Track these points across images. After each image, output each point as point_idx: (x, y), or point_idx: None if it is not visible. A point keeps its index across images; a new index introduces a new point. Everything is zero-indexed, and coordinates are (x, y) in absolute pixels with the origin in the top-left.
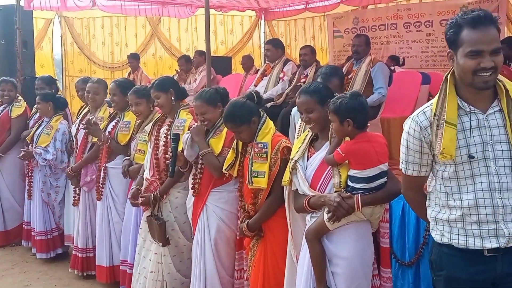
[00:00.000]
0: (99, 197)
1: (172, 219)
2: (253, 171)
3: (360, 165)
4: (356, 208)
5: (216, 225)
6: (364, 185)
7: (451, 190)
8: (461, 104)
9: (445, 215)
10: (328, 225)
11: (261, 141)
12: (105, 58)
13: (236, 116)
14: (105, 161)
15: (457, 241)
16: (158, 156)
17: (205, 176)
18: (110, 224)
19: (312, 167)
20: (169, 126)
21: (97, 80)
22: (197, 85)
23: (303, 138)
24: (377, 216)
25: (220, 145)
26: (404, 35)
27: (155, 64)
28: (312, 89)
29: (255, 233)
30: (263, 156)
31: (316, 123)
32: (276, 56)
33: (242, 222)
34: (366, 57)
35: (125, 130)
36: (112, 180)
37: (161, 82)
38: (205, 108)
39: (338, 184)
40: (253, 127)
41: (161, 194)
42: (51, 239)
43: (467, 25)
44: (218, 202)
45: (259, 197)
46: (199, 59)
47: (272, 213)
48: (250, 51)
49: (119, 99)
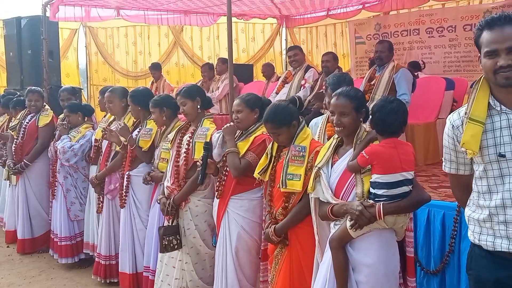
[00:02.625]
0: (123, 205)
1: (193, 227)
2: (288, 174)
3: (382, 169)
4: (377, 217)
5: (237, 233)
6: (385, 192)
7: (482, 189)
8: (493, 103)
9: (476, 215)
10: (351, 233)
11: (299, 144)
12: (128, 67)
13: (277, 117)
14: (128, 169)
15: (485, 242)
16: (179, 164)
17: (228, 180)
18: (133, 231)
19: (335, 174)
20: (192, 134)
21: (111, 89)
22: (220, 93)
23: (328, 145)
24: (400, 225)
25: (245, 148)
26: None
27: (178, 72)
28: (352, 94)
29: (281, 239)
30: (300, 160)
31: (346, 128)
32: (303, 60)
33: (268, 227)
34: (389, 63)
35: (146, 136)
36: (135, 188)
37: (188, 89)
38: (241, 107)
39: (361, 194)
40: (292, 130)
41: (176, 202)
42: (75, 244)
43: (486, 27)
44: (240, 210)
45: (291, 202)
46: (222, 67)
47: (301, 218)
48: (271, 59)
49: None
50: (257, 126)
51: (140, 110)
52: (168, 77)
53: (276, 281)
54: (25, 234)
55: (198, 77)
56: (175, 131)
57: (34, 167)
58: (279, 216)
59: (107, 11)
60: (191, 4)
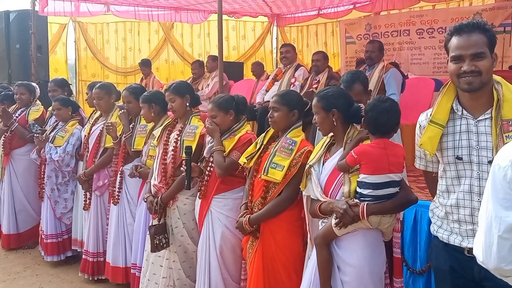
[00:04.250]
0: (116, 201)
1: (181, 225)
2: (272, 162)
3: (369, 169)
4: (361, 217)
5: (221, 232)
6: (370, 192)
7: (441, 188)
8: (456, 107)
9: (438, 211)
10: (335, 231)
11: (291, 137)
12: (118, 63)
13: (287, 96)
14: (121, 165)
15: (442, 235)
16: (166, 162)
17: (211, 179)
18: (124, 226)
19: (325, 172)
20: (180, 132)
21: (100, 85)
22: (209, 90)
23: (322, 144)
24: (386, 225)
25: (230, 146)
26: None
27: (168, 69)
28: (321, 95)
29: (252, 230)
30: (288, 152)
31: (320, 127)
32: (294, 59)
33: (243, 216)
34: (379, 63)
35: (142, 133)
36: (129, 183)
37: (178, 86)
38: (215, 112)
39: (347, 193)
40: (290, 119)
41: (164, 200)
42: (61, 241)
43: (455, 33)
44: (223, 209)
45: (270, 193)
46: (212, 64)
47: (278, 212)
48: (262, 57)
49: (134, 105)
50: (241, 125)
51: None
52: (158, 73)
53: (250, 276)
54: (10, 229)
55: (188, 74)
56: (161, 128)
57: (21, 162)
58: (256, 207)
59: (97, 6)
60: (182, 1)
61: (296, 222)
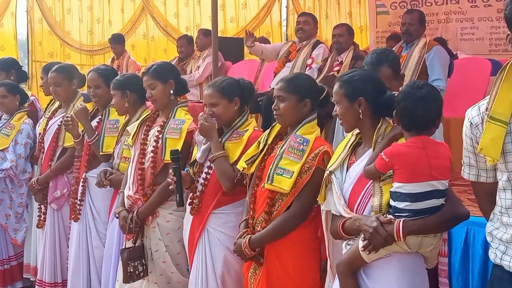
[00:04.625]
0: (77, 217)
1: (163, 248)
2: (278, 167)
3: (405, 176)
4: (397, 237)
5: (223, 257)
6: (408, 205)
7: (505, 204)
8: None
9: (500, 233)
10: (363, 256)
11: (302, 135)
12: (82, 38)
13: (295, 81)
14: (84, 170)
15: (508, 263)
16: (144, 166)
17: (209, 189)
18: (89, 249)
19: (350, 180)
20: (161, 128)
21: (57, 68)
22: (201, 74)
23: (344, 144)
24: (429, 248)
25: (238, 151)
26: (468, 12)
27: (146, 46)
28: (344, 79)
29: (254, 255)
30: (298, 154)
31: (343, 121)
32: (313, 33)
33: (242, 237)
34: (419, 40)
35: (113, 131)
36: (94, 194)
37: (160, 68)
38: (216, 99)
39: (378, 207)
40: (301, 110)
41: (141, 216)
42: (8, 269)
43: None
44: (224, 227)
45: (277, 207)
46: (204, 40)
47: (286, 232)
48: (267, 31)
49: (103, 92)
50: (245, 119)
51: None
52: (134, 52)
53: None
54: None
55: (172, 53)
56: (137, 123)
57: None
58: (259, 224)
59: None
60: None
61: (310, 243)
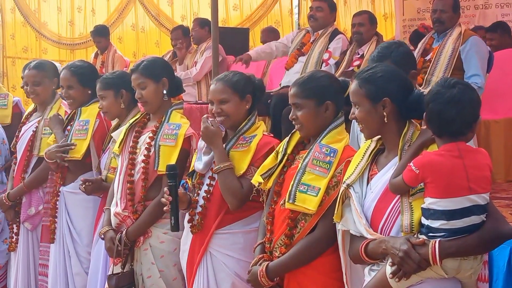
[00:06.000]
0: (52, 239)
1: (156, 274)
2: (301, 183)
3: (439, 190)
4: (432, 261)
5: (231, 284)
6: (443, 224)
7: None
8: None
9: None
10: (392, 283)
11: (328, 145)
12: (61, 30)
13: (310, 83)
14: (60, 184)
15: None
16: (134, 179)
17: (212, 205)
18: (68, 276)
19: (373, 195)
20: (154, 134)
21: (36, 64)
22: (198, 71)
23: (363, 152)
24: (468, 273)
25: (246, 161)
26: None
27: (136, 39)
28: (364, 77)
29: (273, 285)
30: (324, 167)
31: (364, 126)
32: (329, 21)
33: (258, 264)
34: (453, 29)
35: (81, 133)
36: (72, 212)
37: (150, 65)
38: (228, 95)
39: (408, 226)
40: (322, 115)
41: (131, 237)
42: None
43: None
44: (232, 249)
45: (299, 229)
46: (200, 32)
47: (308, 259)
48: (276, 20)
49: (77, 93)
50: (252, 122)
51: (87, 95)
52: (121, 46)
53: None
54: None
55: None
56: (124, 129)
57: None
58: (277, 249)
59: None
60: None
61: (337, 273)
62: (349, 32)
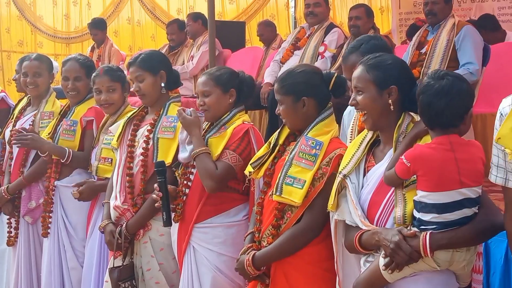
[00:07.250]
0: (46, 233)
1: (156, 267)
2: (288, 176)
3: (430, 184)
4: (423, 253)
5: (211, 278)
6: (435, 217)
7: None
8: None
9: None
10: (384, 275)
11: (314, 137)
12: (57, 24)
13: (287, 79)
14: (55, 178)
15: None
16: (133, 171)
17: (193, 192)
18: (63, 271)
19: (369, 187)
20: (152, 127)
21: (37, 56)
22: (195, 65)
23: (359, 142)
24: (461, 265)
25: (221, 146)
26: None
27: (131, 32)
28: (373, 62)
29: (259, 274)
30: (310, 160)
31: (367, 114)
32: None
33: (246, 253)
34: (446, 20)
35: (68, 133)
36: (68, 207)
37: (148, 58)
38: (209, 88)
39: (401, 218)
40: (300, 110)
41: (131, 230)
42: None
43: None
44: (212, 243)
45: (286, 220)
46: (194, 27)
47: (294, 249)
48: (272, 13)
49: (83, 85)
50: (233, 113)
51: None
52: (117, 40)
53: None
54: None
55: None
56: (123, 122)
57: None
58: (265, 239)
59: None
60: None
61: (324, 263)
62: (346, 26)
